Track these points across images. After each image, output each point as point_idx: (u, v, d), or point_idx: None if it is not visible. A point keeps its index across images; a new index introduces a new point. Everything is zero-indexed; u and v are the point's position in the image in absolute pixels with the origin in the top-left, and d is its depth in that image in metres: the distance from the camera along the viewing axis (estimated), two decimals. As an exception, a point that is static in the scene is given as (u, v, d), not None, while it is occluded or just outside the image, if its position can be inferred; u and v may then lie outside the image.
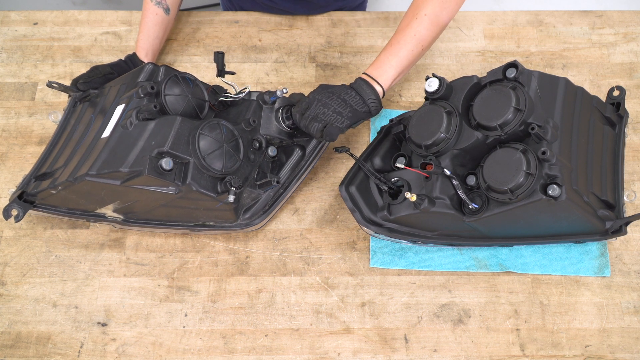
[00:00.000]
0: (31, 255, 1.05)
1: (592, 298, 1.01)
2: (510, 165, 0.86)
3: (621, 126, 1.02)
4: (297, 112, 0.99)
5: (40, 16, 1.33)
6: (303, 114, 0.98)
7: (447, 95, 0.96)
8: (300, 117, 0.98)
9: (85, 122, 1.02)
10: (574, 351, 0.97)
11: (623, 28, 1.30)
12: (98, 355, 0.97)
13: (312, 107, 0.97)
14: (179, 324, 1.00)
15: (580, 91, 0.97)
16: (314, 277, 1.04)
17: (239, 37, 1.30)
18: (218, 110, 1.03)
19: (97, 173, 0.88)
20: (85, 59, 1.27)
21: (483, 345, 0.98)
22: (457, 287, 1.02)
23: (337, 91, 0.99)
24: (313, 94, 0.99)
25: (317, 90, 1.00)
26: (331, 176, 1.13)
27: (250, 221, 1.01)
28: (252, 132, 0.99)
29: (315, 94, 0.99)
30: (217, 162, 0.90)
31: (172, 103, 0.96)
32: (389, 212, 0.95)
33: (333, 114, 0.97)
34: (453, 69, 1.26)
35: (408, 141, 0.98)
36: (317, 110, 0.97)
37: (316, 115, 0.97)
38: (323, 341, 0.98)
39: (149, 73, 0.99)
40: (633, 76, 1.24)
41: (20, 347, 0.98)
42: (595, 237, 0.97)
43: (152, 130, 0.89)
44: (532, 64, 1.26)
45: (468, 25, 1.31)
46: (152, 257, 1.05)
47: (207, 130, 0.91)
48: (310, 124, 0.97)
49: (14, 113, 1.20)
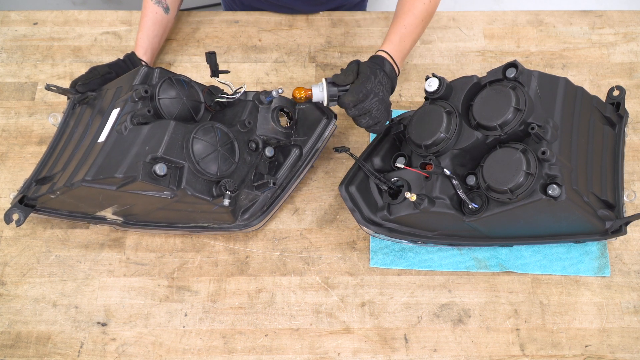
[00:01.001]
0: (31, 255, 1.06)
1: (592, 298, 1.01)
2: (510, 165, 0.86)
3: (621, 126, 1.02)
4: (350, 102, 0.95)
5: (40, 16, 1.33)
6: (356, 104, 0.96)
7: (447, 95, 0.96)
8: (352, 106, 0.96)
9: (84, 125, 1.02)
10: (573, 351, 0.97)
11: (623, 28, 1.30)
12: (98, 355, 0.97)
13: (368, 100, 0.96)
14: (178, 324, 1.00)
15: (580, 91, 0.97)
16: (314, 277, 1.04)
17: (238, 37, 1.30)
18: (214, 111, 1.03)
19: (93, 179, 0.88)
20: (85, 59, 1.27)
21: (483, 345, 0.98)
22: (457, 287, 1.02)
23: (384, 81, 0.98)
24: (369, 83, 0.96)
25: (371, 78, 0.96)
26: (331, 176, 1.13)
27: (248, 222, 1.01)
28: (248, 133, 0.98)
29: (371, 84, 0.96)
30: (212, 166, 0.90)
31: (167, 106, 0.96)
32: (388, 212, 0.95)
33: (384, 112, 0.98)
34: (453, 69, 1.26)
35: (408, 141, 0.98)
36: (372, 105, 0.96)
37: (370, 110, 0.96)
38: (323, 341, 0.98)
39: (144, 76, 0.99)
40: (633, 76, 1.24)
41: (20, 347, 0.98)
42: (595, 237, 0.97)
43: (146, 135, 0.89)
44: (532, 64, 1.26)
45: (468, 25, 1.31)
46: (152, 257, 1.05)
47: (201, 134, 0.91)
48: (362, 117, 0.97)
49: (14, 113, 1.20)
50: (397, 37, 1.06)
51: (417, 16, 1.08)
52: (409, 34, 1.08)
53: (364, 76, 0.96)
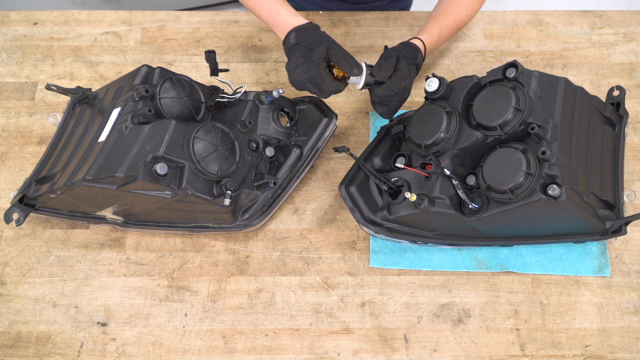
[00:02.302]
0: (31, 255, 1.06)
1: (592, 298, 1.01)
2: (510, 165, 0.86)
3: (621, 126, 1.02)
4: (383, 96, 0.99)
5: (40, 16, 1.33)
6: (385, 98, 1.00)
7: (447, 95, 0.96)
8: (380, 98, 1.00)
9: (84, 125, 1.02)
10: (573, 351, 0.97)
11: (623, 28, 1.30)
12: (98, 355, 0.97)
13: (396, 96, 1.00)
14: (179, 324, 1.00)
15: (580, 91, 0.97)
16: (314, 277, 1.04)
17: (239, 37, 1.30)
18: (215, 111, 1.03)
19: (93, 178, 0.88)
20: (85, 59, 1.27)
21: (483, 345, 0.98)
22: (457, 287, 1.02)
23: (413, 76, 1.01)
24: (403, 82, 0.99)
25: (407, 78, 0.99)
26: (331, 176, 1.13)
27: (249, 222, 1.01)
28: (249, 132, 0.99)
29: (405, 82, 0.99)
30: (213, 166, 0.90)
31: (168, 106, 0.96)
32: (388, 212, 0.95)
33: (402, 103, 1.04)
34: (453, 69, 1.26)
35: (408, 141, 0.98)
36: (397, 99, 1.01)
37: (392, 103, 1.01)
38: (323, 341, 0.98)
39: (144, 76, 0.99)
40: (633, 76, 1.24)
41: (20, 347, 0.98)
42: (595, 237, 0.97)
43: (146, 135, 0.89)
44: (532, 64, 1.26)
45: (468, 25, 1.31)
46: (152, 257, 1.05)
47: (201, 134, 0.91)
48: (382, 106, 1.02)
49: (14, 113, 1.20)
50: (437, 32, 1.08)
51: (456, 22, 1.11)
52: (444, 35, 1.11)
53: (402, 75, 0.98)
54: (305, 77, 0.95)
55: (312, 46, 0.96)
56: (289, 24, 1.01)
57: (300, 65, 0.96)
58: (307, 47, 0.97)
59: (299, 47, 0.97)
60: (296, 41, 0.98)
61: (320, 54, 0.95)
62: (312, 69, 0.95)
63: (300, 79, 0.96)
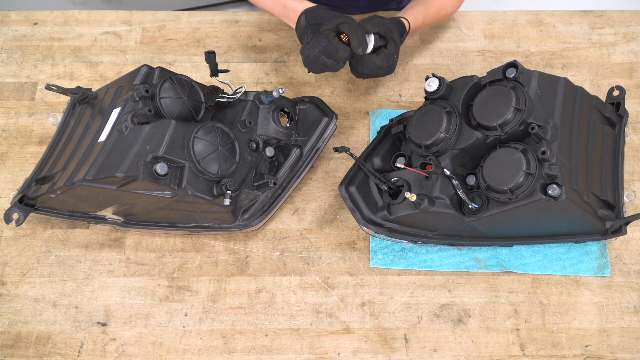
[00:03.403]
0: (31, 255, 1.06)
1: (592, 298, 1.01)
2: (510, 165, 0.86)
3: (621, 126, 1.02)
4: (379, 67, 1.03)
5: (40, 16, 1.33)
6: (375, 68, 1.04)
7: (447, 95, 0.96)
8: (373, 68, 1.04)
9: (84, 125, 1.02)
10: (573, 351, 0.97)
11: (623, 28, 1.30)
12: (98, 355, 0.97)
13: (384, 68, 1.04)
14: (178, 324, 1.00)
15: (580, 91, 0.97)
16: (314, 277, 1.04)
17: (239, 37, 1.30)
18: (215, 111, 1.03)
19: (93, 178, 0.88)
20: (85, 59, 1.27)
21: (483, 345, 0.98)
22: (457, 287, 1.02)
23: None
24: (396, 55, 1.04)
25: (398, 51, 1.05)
26: (331, 176, 1.13)
27: (249, 222, 1.01)
28: (249, 132, 0.99)
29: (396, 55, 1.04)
30: (213, 166, 0.91)
31: (168, 106, 0.96)
32: (388, 212, 0.95)
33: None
34: (453, 69, 1.26)
35: (408, 141, 0.98)
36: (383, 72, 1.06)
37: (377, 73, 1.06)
38: (323, 341, 0.98)
39: (144, 75, 0.99)
40: (633, 76, 1.24)
41: (20, 347, 0.98)
42: (595, 237, 0.97)
43: (146, 135, 0.89)
44: (532, 64, 1.26)
45: (468, 25, 1.31)
46: (152, 257, 1.05)
47: (201, 134, 0.91)
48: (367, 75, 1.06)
49: (14, 113, 1.20)
50: (421, 17, 1.10)
51: (439, 15, 1.14)
52: (427, 23, 1.13)
53: (395, 47, 1.02)
54: (317, 50, 0.96)
55: (322, 22, 0.98)
56: (296, 10, 1.02)
57: (310, 40, 0.97)
58: (317, 24, 0.98)
59: (309, 26, 0.98)
60: (306, 22, 0.99)
61: (328, 26, 0.96)
62: (322, 40, 0.95)
63: (313, 53, 0.96)
